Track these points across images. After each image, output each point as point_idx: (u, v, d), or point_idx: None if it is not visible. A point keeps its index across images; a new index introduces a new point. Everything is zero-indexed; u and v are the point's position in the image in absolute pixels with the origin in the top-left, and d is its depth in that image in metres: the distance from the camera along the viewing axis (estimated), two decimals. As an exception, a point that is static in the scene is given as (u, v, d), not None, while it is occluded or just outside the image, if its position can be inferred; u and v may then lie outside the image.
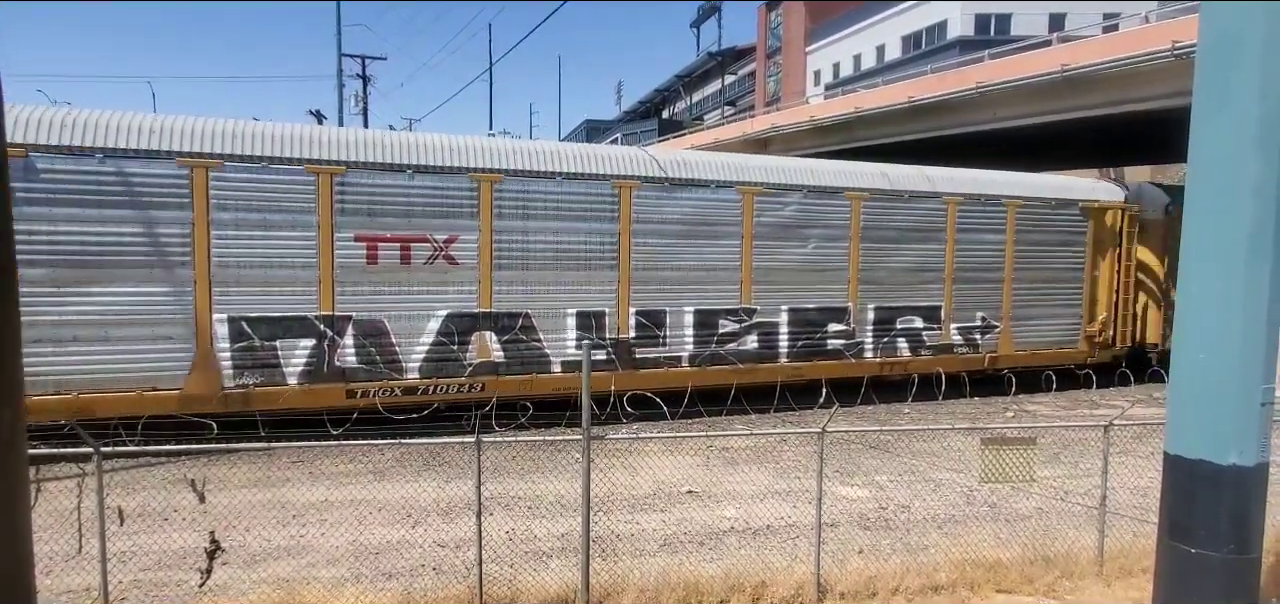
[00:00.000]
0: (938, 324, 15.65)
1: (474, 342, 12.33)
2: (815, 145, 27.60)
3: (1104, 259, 17.07)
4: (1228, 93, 4.71)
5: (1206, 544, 4.87)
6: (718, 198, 13.76)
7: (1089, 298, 17.04)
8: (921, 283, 15.46)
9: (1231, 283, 4.74)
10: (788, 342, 14.33)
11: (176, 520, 7.62)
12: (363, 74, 39.28)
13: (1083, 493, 9.09)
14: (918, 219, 15.37)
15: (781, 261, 14.25)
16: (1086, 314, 17.06)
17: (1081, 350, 17.09)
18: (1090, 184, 17.78)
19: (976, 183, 16.10)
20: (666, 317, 13.50)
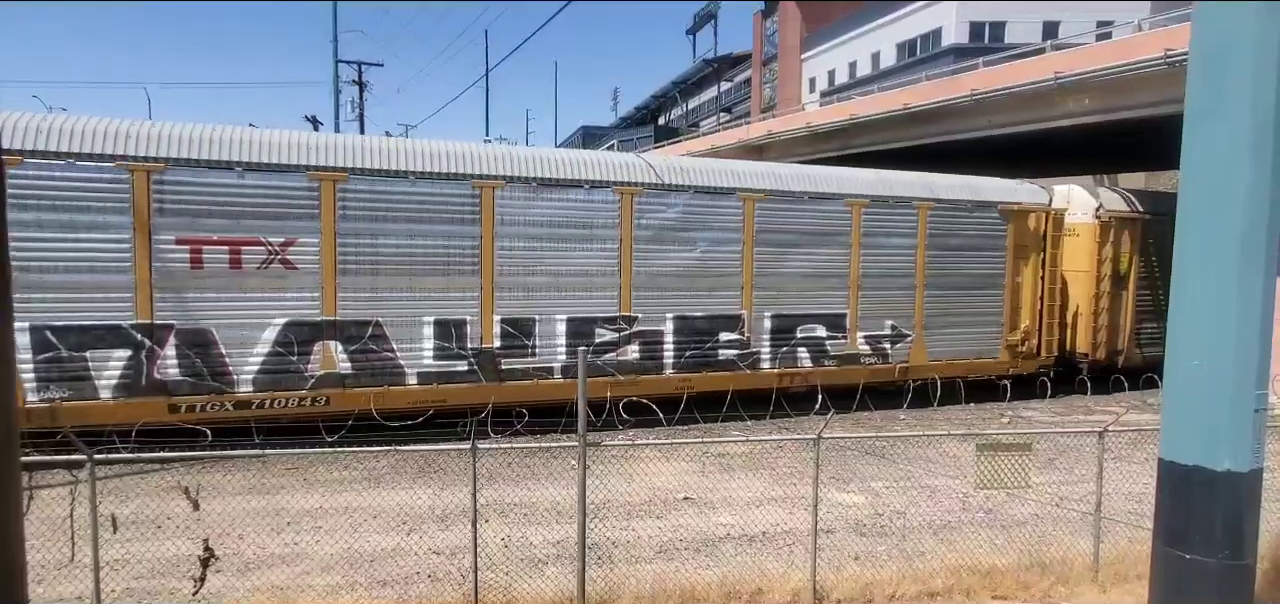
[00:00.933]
0: (843, 333, 14.87)
1: (317, 352, 11.51)
2: (812, 152, 27.67)
3: (1027, 264, 16.28)
4: (1220, 102, 4.74)
5: (1201, 550, 4.88)
6: (592, 199, 12.91)
7: (1010, 305, 16.21)
8: (825, 289, 14.66)
9: (1225, 289, 4.76)
10: (674, 352, 13.53)
11: (170, 528, 7.58)
12: (359, 80, 39.29)
13: (1078, 499, 9.10)
14: (819, 221, 14.52)
15: (666, 266, 13.42)
16: (1007, 322, 16.21)
17: (1002, 361, 16.22)
18: (1011, 185, 16.91)
19: (882, 183, 15.38)
20: (536, 325, 12.69)
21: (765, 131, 31.18)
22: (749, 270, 14.05)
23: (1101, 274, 17.27)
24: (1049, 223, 16.45)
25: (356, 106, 39.28)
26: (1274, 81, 4.63)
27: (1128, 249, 17.68)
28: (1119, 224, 17.48)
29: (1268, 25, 4.61)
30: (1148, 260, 18.10)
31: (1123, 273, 17.61)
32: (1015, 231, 16.12)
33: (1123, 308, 17.86)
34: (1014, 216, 16.10)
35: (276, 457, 10.04)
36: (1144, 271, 18.07)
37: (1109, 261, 17.32)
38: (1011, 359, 16.35)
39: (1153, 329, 18.02)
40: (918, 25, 46.75)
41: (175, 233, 10.84)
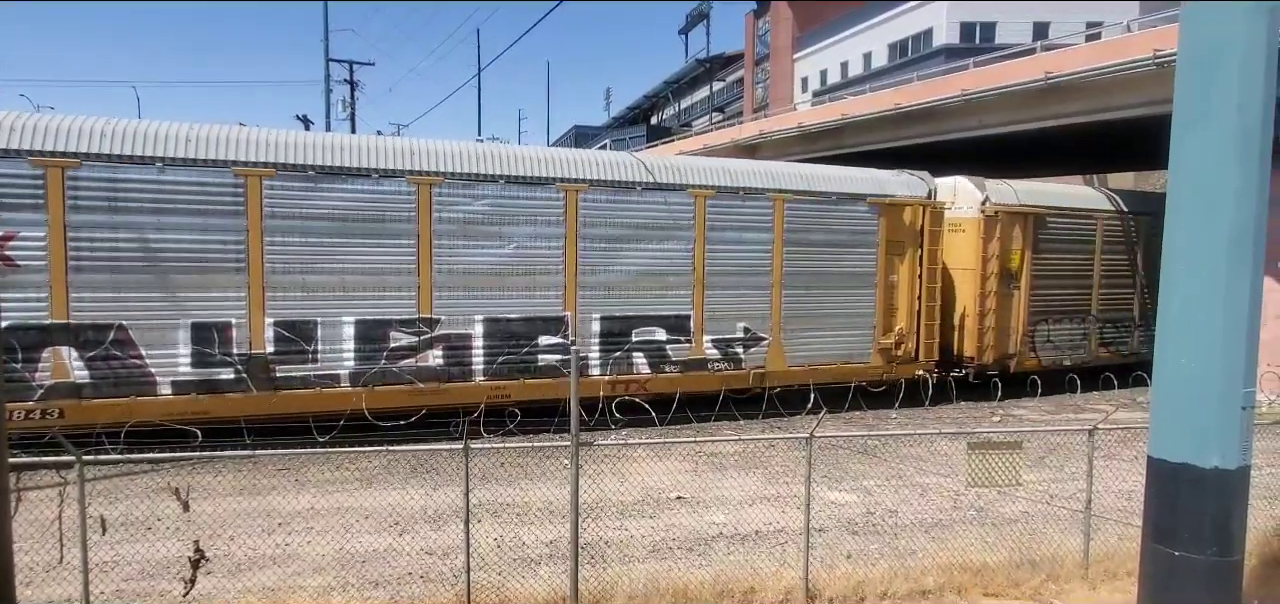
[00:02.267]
0: (687, 336, 13.64)
1: (46, 359, 10.38)
2: (804, 151, 27.74)
3: (903, 261, 15.12)
4: (1207, 105, 4.78)
5: (1190, 547, 4.92)
6: (383, 190, 11.73)
7: (884, 305, 15.03)
8: (665, 288, 13.45)
9: (1213, 289, 4.80)
10: (484, 357, 12.39)
11: (160, 529, 7.53)
12: (350, 79, 39.15)
13: (1068, 497, 9.16)
14: (657, 214, 13.30)
15: (474, 264, 12.26)
16: (881, 324, 15.01)
17: (875, 365, 15.03)
18: (884, 175, 15.56)
19: (729, 173, 14.10)
20: (318, 329, 11.54)
21: (757, 131, 31.24)
22: (573, 268, 12.82)
23: (988, 272, 16.19)
24: (926, 216, 15.26)
25: (347, 106, 39.15)
26: (1260, 85, 4.68)
27: (1018, 245, 16.65)
28: (1008, 218, 16.46)
29: (1255, 28, 4.65)
30: (1048, 257, 17.16)
31: (1013, 270, 16.60)
32: (888, 225, 14.98)
33: (1014, 308, 16.78)
34: (886, 209, 14.94)
35: (268, 457, 10.00)
36: (1040, 269, 17.09)
37: (996, 258, 16.30)
38: (886, 363, 15.12)
39: (1053, 331, 17.39)
40: (909, 26, 46.94)
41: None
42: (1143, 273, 18.60)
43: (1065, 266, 17.53)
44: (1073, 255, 17.63)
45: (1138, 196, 19.66)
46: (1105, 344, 18.38)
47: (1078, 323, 17.86)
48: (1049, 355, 17.42)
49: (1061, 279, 17.50)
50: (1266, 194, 4.83)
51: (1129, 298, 18.64)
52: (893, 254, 15.12)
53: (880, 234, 15.01)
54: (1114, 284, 18.32)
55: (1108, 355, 18.37)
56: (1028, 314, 16.94)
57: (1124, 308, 18.61)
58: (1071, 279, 17.68)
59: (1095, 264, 17.96)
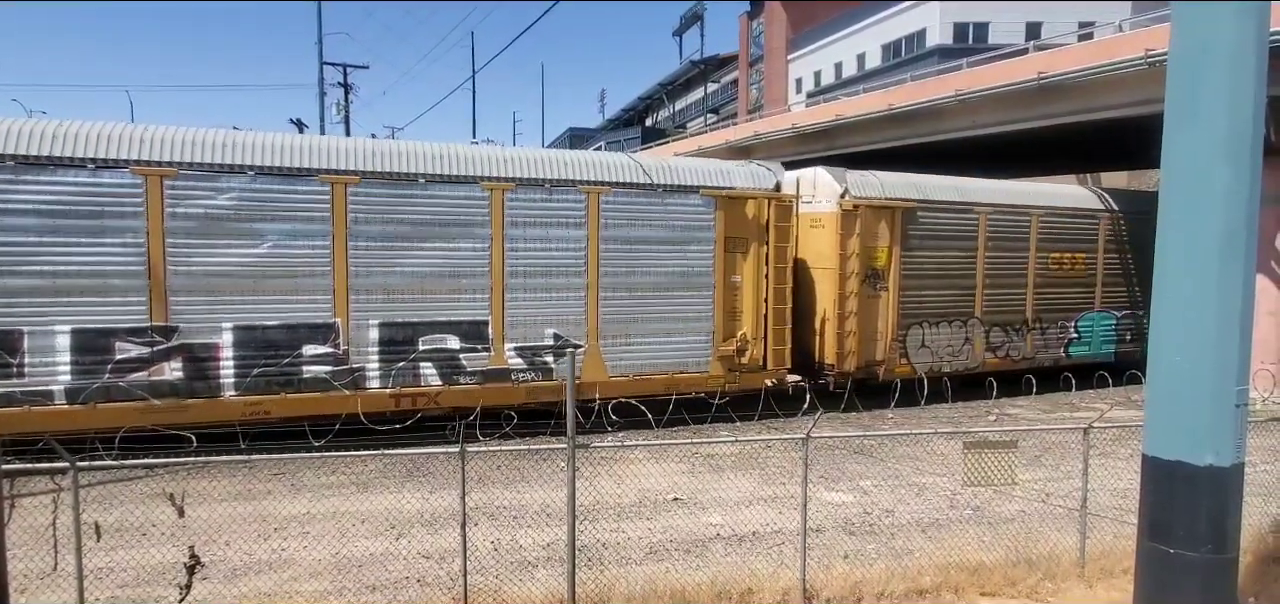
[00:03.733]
0: (485, 344, 12.33)
1: None
2: (798, 152, 27.76)
3: (747, 260, 13.80)
4: (1198, 103, 4.81)
5: (1185, 544, 4.94)
6: (102, 183, 10.43)
7: (723, 309, 13.70)
8: (457, 292, 12.16)
9: (1205, 287, 4.83)
10: (236, 370, 11.08)
11: (155, 535, 7.50)
12: (344, 82, 39.09)
13: (1064, 495, 9.19)
14: (445, 209, 12.03)
15: (220, 265, 10.95)
16: (720, 329, 13.69)
17: (715, 375, 13.66)
18: (721, 165, 14.44)
19: (534, 163, 12.75)
20: (25, 339, 10.25)
21: (752, 132, 31.27)
22: (344, 269, 11.53)
23: (848, 271, 14.85)
24: (772, 210, 13.90)
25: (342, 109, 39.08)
26: (1250, 85, 4.71)
27: (885, 241, 15.30)
28: (871, 212, 15.11)
29: (1244, 29, 4.68)
30: (921, 254, 15.79)
31: (879, 269, 15.28)
32: (727, 220, 13.62)
33: (881, 310, 15.39)
34: (724, 202, 13.58)
35: (263, 462, 9.96)
36: (912, 268, 15.71)
37: (856, 256, 14.93)
38: (727, 372, 13.73)
39: (929, 335, 16.00)
40: (902, 26, 47.08)
41: None
42: (1036, 271, 17.39)
43: (942, 265, 16.10)
44: (951, 253, 16.20)
45: (1030, 189, 18.28)
46: (993, 349, 16.87)
47: (959, 326, 16.38)
48: (924, 362, 15.89)
49: (938, 279, 16.07)
50: (1258, 192, 4.86)
51: (1020, 299, 17.21)
52: (734, 252, 13.74)
53: (718, 230, 13.59)
54: (1003, 284, 16.89)
55: (996, 362, 16.86)
56: (897, 317, 15.52)
57: (1014, 310, 17.15)
58: (950, 279, 16.21)
59: (979, 262, 16.49)
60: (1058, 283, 17.74)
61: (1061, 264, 17.71)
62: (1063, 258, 17.72)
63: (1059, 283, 17.75)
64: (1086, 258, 18.10)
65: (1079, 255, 17.97)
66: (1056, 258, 17.60)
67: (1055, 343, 17.85)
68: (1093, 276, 18.23)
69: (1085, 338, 18.26)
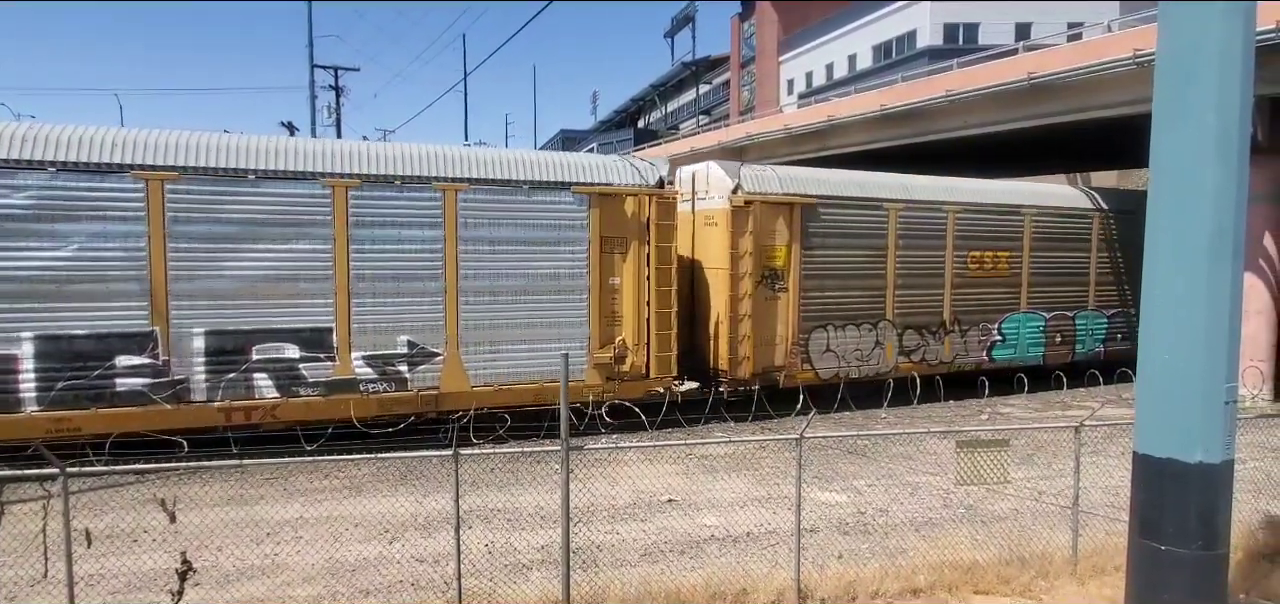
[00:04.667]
0: (329, 353, 11.46)
1: None
2: (790, 153, 27.84)
3: (626, 260, 12.93)
4: (1186, 103, 4.85)
5: (1176, 541, 4.97)
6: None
7: (600, 313, 12.82)
8: (295, 296, 11.26)
9: (1194, 286, 4.87)
10: (36, 383, 10.20)
11: (146, 541, 7.45)
12: (335, 85, 38.97)
13: (1056, 493, 9.24)
14: (279, 208, 11.17)
15: (15, 269, 10.12)
16: (597, 335, 12.81)
17: (592, 383, 12.82)
18: (596, 160, 13.58)
19: (382, 158, 11.87)
20: None
21: (744, 133, 31.33)
22: (162, 272, 10.68)
23: (740, 271, 13.97)
24: (653, 207, 13.04)
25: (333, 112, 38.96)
26: (1238, 84, 4.75)
27: (783, 239, 14.39)
28: (767, 209, 14.21)
29: (1231, 29, 4.72)
30: (824, 253, 14.88)
31: (777, 269, 14.35)
32: (603, 219, 12.75)
33: (779, 313, 14.45)
34: (599, 200, 12.71)
35: (255, 467, 9.89)
36: (815, 268, 14.77)
37: (750, 255, 14.03)
38: (605, 381, 12.93)
39: (835, 339, 15.00)
40: (893, 27, 47.26)
41: None
42: (954, 271, 16.42)
43: (848, 264, 15.19)
44: (858, 251, 15.27)
45: (946, 184, 17.10)
46: (907, 353, 15.88)
47: (868, 329, 15.44)
48: (829, 367, 14.94)
49: (844, 279, 15.14)
50: (1245, 191, 4.90)
51: (936, 300, 16.22)
52: (612, 252, 12.87)
53: (593, 229, 12.70)
54: (917, 284, 15.92)
55: (910, 366, 15.89)
56: (798, 320, 14.60)
57: (930, 311, 16.18)
58: (858, 279, 15.31)
59: (889, 261, 15.54)
60: (979, 283, 16.78)
61: (982, 263, 16.75)
62: (984, 257, 16.77)
63: (980, 283, 16.80)
64: (1011, 257, 17.14)
65: (1003, 254, 17.02)
66: (976, 257, 16.65)
67: (977, 346, 16.83)
68: (1018, 276, 17.29)
69: (1011, 341, 17.29)
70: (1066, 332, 18.14)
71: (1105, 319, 18.69)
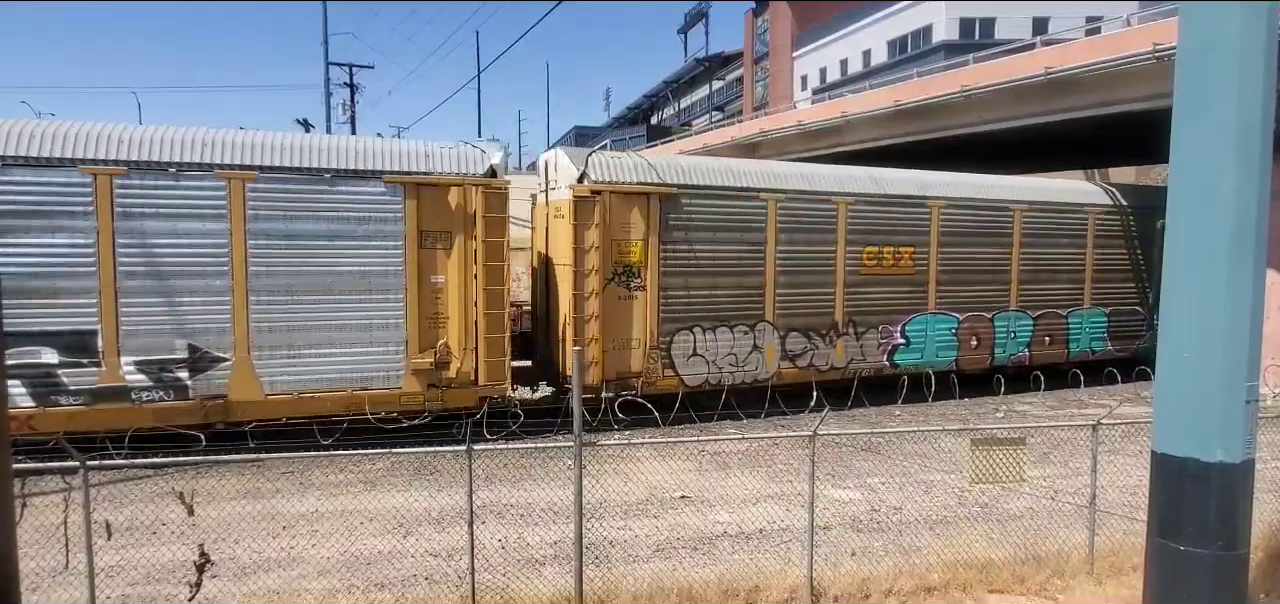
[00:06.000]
0: (93, 358, 10.37)
1: None
2: (804, 149, 27.73)
3: (451, 256, 11.84)
4: (1207, 100, 4.78)
5: (1195, 541, 4.92)
6: None
7: (420, 314, 11.71)
8: (51, 295, 10.19)
9: (1214, 284, 4.80)
10: None
11: (165, 533, 7.55)
12: (350, 82, 39.21)
13: (1073, 492, 9.16)
14: (28, 198, 10.10)
15: None
16: (415, 339, 11.70)
17: (410, 392, 11.73)
18: (420, 146, 12.13)
19: (151, 143, 10.66)
20: None
21: (757, 129, 31.23)
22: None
23: (586, 267, 12.73)
24: (480, 199, 11.90)
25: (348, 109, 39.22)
26: (1259, 81, 4.68)
27: (639, 233, 13.06)
28: (619, 199, 12.93)
29: (1252, 26, 4.65)
30: (689, 248, 13.51)
31: (633, 265, 13.07)
32: (422, 211, 11.68)
33: (636, 314, 13.13)
34: (416, 190, 11.64)
35: (272, 461, 10.01)
36: (678, 264, 13.42)
37: (597, 250, 12.76)
38: (426, 389, 11.82)
39: (704, 342, 13.65)
40: (908, 22, 46.93)
41: None
42: (847, 268, 14.87)
43: (719, 261, 13.76)
44: (730, 246, 13.82)
45: (839, 173, 15.82)
46: (791, 358, 14.42)
47: (744, 332, 14.00)
48: (697, 373, 13.58)
49: (714, 276, 13.72)
50: (1268, 187, 4.83)
51: (826, 300, 14.74)
52: (434, 247, 11.81)
53: (409, 222, 11.62)
54: (802, 283, 14.49)
55: (796, 372, 14.41)
56: (658, 321, 13.28)
57: (819, 312, 14.70)
58: (731, 276, 13.86)
59: (768, 258, 14.10)
60: (877, 281, 15.19)
61: (881, 260, 15.19)
62: (883, 253, 15.20)
63: (879, 281, 15.20)
64: (915, 253, 15.53)
65: (906, 250, 15.44)
66: (873, 253, 15.09)
67: (875, 350, 15.27)
68: (924, 274, 15.67)
69: (916, 344, 15.71)
70: (984, 335, 16.44)
71: (1031, 320, 16.99)
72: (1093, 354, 17.84)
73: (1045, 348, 17.25)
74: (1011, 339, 16.81)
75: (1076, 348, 17.65)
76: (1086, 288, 17.73)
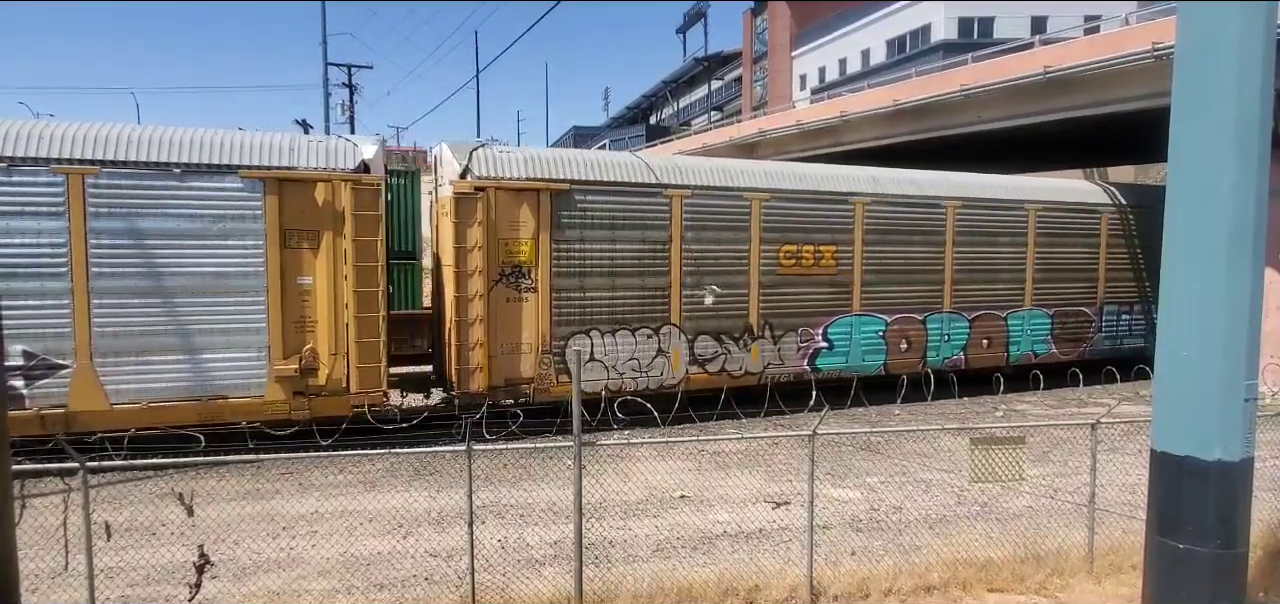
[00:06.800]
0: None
1: None
2: (803, 149, 27.75)
3: (318, 256, 11.23)
4: (1205, 98, 4.79)
5: (1194, 539, 4.92)
6: None
7: (285, 318, 11.07)
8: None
9: (1213, 282, 4.81)
10: None
11: (165, 534, 7.55)
12: (349, 82, 39.21)
13: (1072, 491, 9.16)
14: None
15: None
16: (278, 343, 11.06)
17: (274, 400, 11.10)
18: (289, 140, 11.48)
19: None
20: None
21: (756, 129, 31.25)
22: None
23: (469, 266, 12.13)
24: (349, 196, 11.29)
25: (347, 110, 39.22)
26: (1258, 79, 4.69)
27: (529, 231, 12.42)
28: (507, 196, 12.29)
29: (1251, 24, 4.66)
30: (583, 246, 12.79)
31: (522, 264, 12.41)
32: (284, 208, 11.03)
33: (526, 317, 12.46)
34: (278, 186, 10.98)
35: (271, 461, 10.01)
36: (573, 264, 12.74)
37: (481, 249, 12.13)
38: (292, 397, 11.19)
39: (602, 346, 12.96)
40: (907, 22, 46.97)
41: None
42: (763, 268, 14.13)
43: (619, 260, 13.05)
44: (630, 245, 13.11)
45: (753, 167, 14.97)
46: (701, 362, 13.68)
47: (648, 335, 13.32)
48: (596, 379, 13.08)
49: (613, 277, 13.01)
50: (1266, 185, 4.83)
51: (740, 301, 13.99)
52: (299, 247, 11.18)
53: (270, 220, 10.97)
54: (711, 283, 13.79)
55: (706, 377, 13.74)
56: (552, 324, 12.63)
57: (731, 314, 13.93)
58: (631, 277, 13.15)
59: (673, 257, 13.37)
60: (797, 282, 14.46)
61: (800, 259, 14.44)
62: (802, 252, 14.45)
63: (799, 282, 14.48)
64: (838, 252, 14.76)
65: (828, 249, 14.67)
66: (792, 251, 14.34)
67: (795, 354, 14.50)
68: (849, 274, 14.91)
69: (840, 348, 14.94)
70: (915, 338, 15.68)
71: (967, 322, 16.13)
72: (1035, 358, 16.99)
73: (983, 351, 16.40)
74: (945, 342, 15.98)
75: (1017, 351, 16.79)
76: (1028, 288, 16.83)
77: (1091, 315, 17.78)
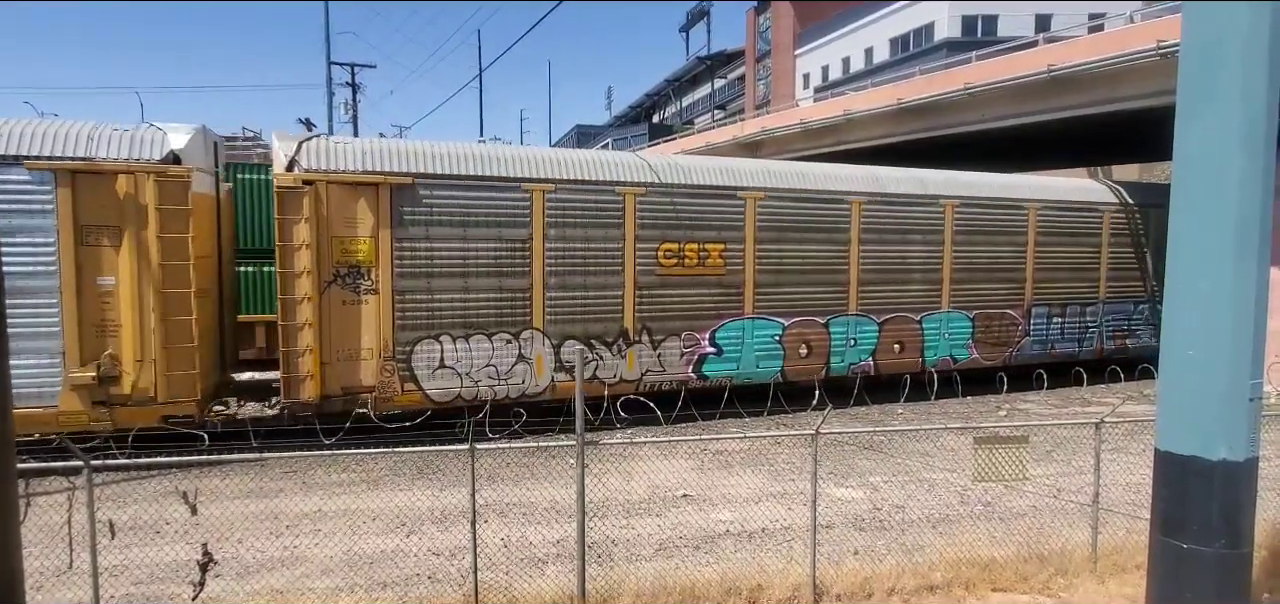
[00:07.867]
0: None
1: None
2: (806, 148, 27.72)
3: (120, 253, 10.41)
4: (1211, 95, 4.77)
5: (1198, 539, 4.90)
6: None
7: (82, 322, 10.29)
8: None
9: (1219, 280, 4.79)
10: None
11: (168, 533, 7.57)
12: (352, 82, 39.26)
13: (1076, 490, 9.14)
14: None
15: None
16: (74, 349, 10.23)
17: (71, 410, 10.29)
18: (86, 129, 10.61)
19: None
20: None
21: (759, 128, 31.22)
22: None
23: (296, 266, 11.24)
24: (153, 190, 10.45)
25: (350, 109, 39.27)
26: (1264, 75, 4.66)
27: (367, 228, 11.58)
28: (342, 190, 11.46)
29: (1258, 20, 4.63)
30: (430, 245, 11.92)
31: (360, 264, 11.59)
32: (79, 203, 10.23)
33: (366, 320, 11.61)
34: (70, 177, 10.16)
35: (275, 459, 10.02)
36: (419, 264, 11.87)
37: (310, 247, 11.24)
38: (92, 407, 10.37)
39: (453, 352, 12.01)
40: (910, 20, 46.88)
41: None
42: (639, 268, 13.18)
43: (471, 260, 12.16)
44: (487, 244, 12.21)
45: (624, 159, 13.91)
46: (569, 370, 12.65)
47: (507, 340, 12.39)
48: (447, 387, 12.02)
49: (465, 277, 12.13)
50: (1272, 183, 4.81)
51: (614, 303, 13.05)
52: (100, 244, 10.39)
53: (63, 215, 10.15)
54: (580, 285, 12.81)
55: (571, 385, 11.91)
56: (394, 328, 11.75)
57: (604, 318, 13.01)
58: (487, 277, 12.24)
59: (535, 256, 12.45)
60: (679, 283, 13.49)
61: (682, 259, 13.44)
62: (686, 251, 13.46)
63: (681, 283, 13.50)
64: (727, 250, 13.75)
65: (714, 247, 13.66)
66: (672, 250, 13.34)
67: (678, 360, 13.53)
68: (740, 274, 13.89)
69: (730, 354, 13.92)
70: (816, 342, 14.64)
71: (876, 326, 15.12)
72: (954, 363, 15.96)
73: (895, 356, 15.41)
74: (851, 347, 14.96)
75: (934, 356, 15.73)
76: (945, 289, 15.71)
77: (1016, 318, 16.70)
